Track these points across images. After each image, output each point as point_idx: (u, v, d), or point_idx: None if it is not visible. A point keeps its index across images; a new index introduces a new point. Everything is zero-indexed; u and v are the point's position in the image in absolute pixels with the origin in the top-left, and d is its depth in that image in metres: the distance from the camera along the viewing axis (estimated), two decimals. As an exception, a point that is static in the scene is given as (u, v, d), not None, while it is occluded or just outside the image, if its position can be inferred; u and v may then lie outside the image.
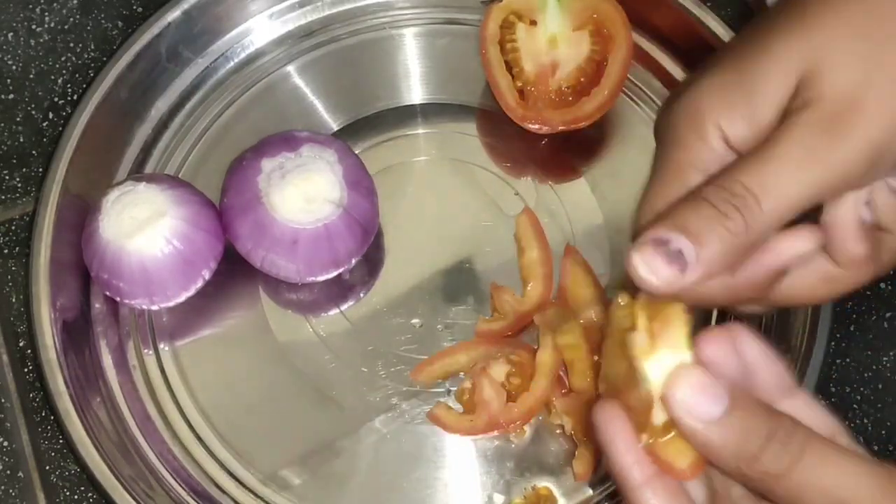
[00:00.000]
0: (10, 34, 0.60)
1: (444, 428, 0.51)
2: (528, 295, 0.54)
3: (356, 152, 0.56)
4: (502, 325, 0.54)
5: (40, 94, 0.59)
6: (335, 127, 0.60)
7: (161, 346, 0.54)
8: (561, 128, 0.57)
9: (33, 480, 0.50)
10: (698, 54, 0.59)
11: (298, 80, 0.61)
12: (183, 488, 0.51)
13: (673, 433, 0.32)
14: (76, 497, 0.50)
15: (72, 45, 0.61)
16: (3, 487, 0.50)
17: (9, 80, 0.59)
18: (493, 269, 0.56)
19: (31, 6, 0.61)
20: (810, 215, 0.36)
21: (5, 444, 0.51)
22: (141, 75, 0.58)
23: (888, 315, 0.54)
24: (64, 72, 0.60)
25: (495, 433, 0.51)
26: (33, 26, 0.61)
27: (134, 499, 0.48)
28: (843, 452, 0.31)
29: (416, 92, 0.61)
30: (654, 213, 0.36)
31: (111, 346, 0.54)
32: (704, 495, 0.33)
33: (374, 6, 0.63)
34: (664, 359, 0.31)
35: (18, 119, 0.59)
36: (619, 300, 0.34)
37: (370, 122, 0.60)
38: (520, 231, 0.56)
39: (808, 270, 0.38)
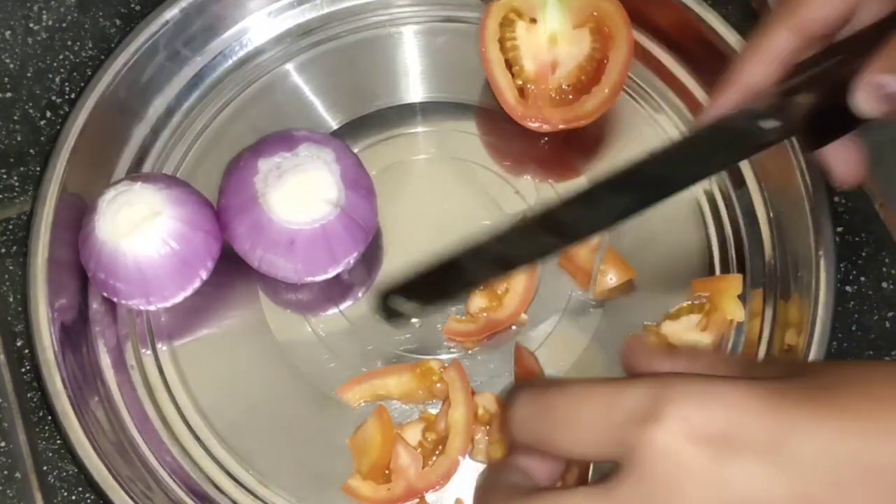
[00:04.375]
0: (8, 32, 0.60)
1: (359, 500, 0.50)
2: (503, 304, 0.54)
3: (355, 151, 0.56)
4: (471, 328, 0.54)
5: (38, 92, 0.59)
6: (334, 125, 0.60)
7: (159, 346, 0.54)
8: (561, 126, 0.57)
9: (31, 481, 0.50)
10: (699, 52, 0.59)
11: (297, 79, 0.61)
12: (181, 488, 0.51)
13: None
14: (74, 497, 0.50)
15: (69, 43, 0.60)
16: (0, 488, 0.50)
17: (6, 79, 0.59)
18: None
19: (28, 4, 0.61)
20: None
21: (3, 444, 0.51)
22: (139, 74, 0.58)
23: (890, 315, 0.54)
24: (62, 70, 0.60)
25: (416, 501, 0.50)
26: (31, 24, 0.61)
27: (132, 499, 0.48)
28: None
29: (415, 90, 0.61)
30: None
31: (109, 346, 0.54)
32: None
33: (373, 4, 0.63)
34: None
35: (16, 118, 0.58)
36: None
37: (369, 120, 0.60)
38: None
39: None
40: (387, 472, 0.50)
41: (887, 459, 0.31)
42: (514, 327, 0.54)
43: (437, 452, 0.50)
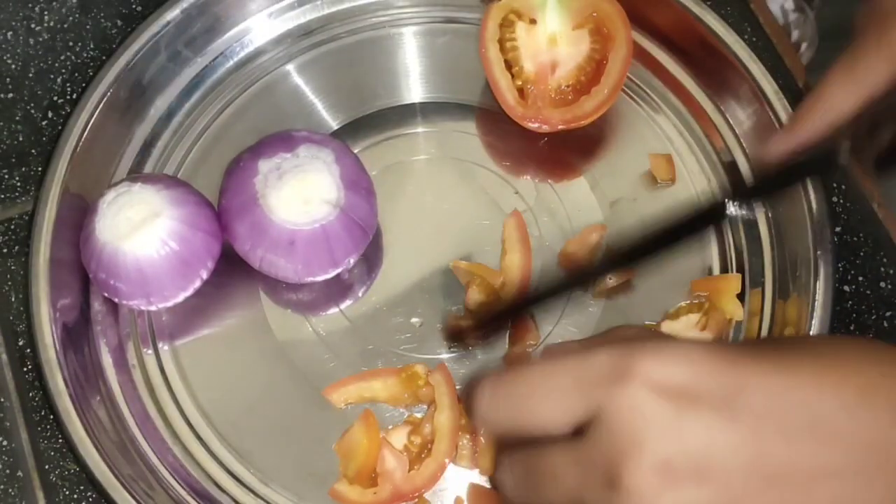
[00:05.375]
0: (10, 33, 0.61)
1: None
2: (502, 299, 0.54)
3: (355, 151, 0.56)
4: (470, 325, 0.54)
5: (39, 92, 0.59)
6: (334, 126, 0.60)
7: (161, 345, 0.54)
8: (561, 126, 0.57)
9: (33, 480, 0.50)
10: (698, 53, 0.59)
11: (298, 79, 0.61)
12: (183, 487, 0.51)
13: None
14: (75, 496, 0.50)
15: (71, 43, 0.61)
16: (2, 487, 0.50)
17: (8, 79, 0.59)
18: (492, 268, 0.55)
19: (30, 5, 0.61)
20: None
21: (5, 443, 0.51)
22: (140, 74, 0.58)
23: (888, 314, 0.54)
24: (63, 71, 0.60)
25: None
26: (32, 25, 0.61)
27: (133, 498, 0.48)
28: None
29: (415, 91, 0.61)
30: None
31: (111, 346, 0.54)
32: None
33: (374, 5, 0.63)
34: None
35: (18, 118, 0.59)
36: None
37: (370, 120, 0.60)
38: (506, 233, 0.56)
39: None
40: (373, 475, 0.50)
41: (829, 411, 0.34)
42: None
43: (424, 456, 0.51)
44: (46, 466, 0.51)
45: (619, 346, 0.35)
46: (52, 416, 0.51)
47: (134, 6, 0.62)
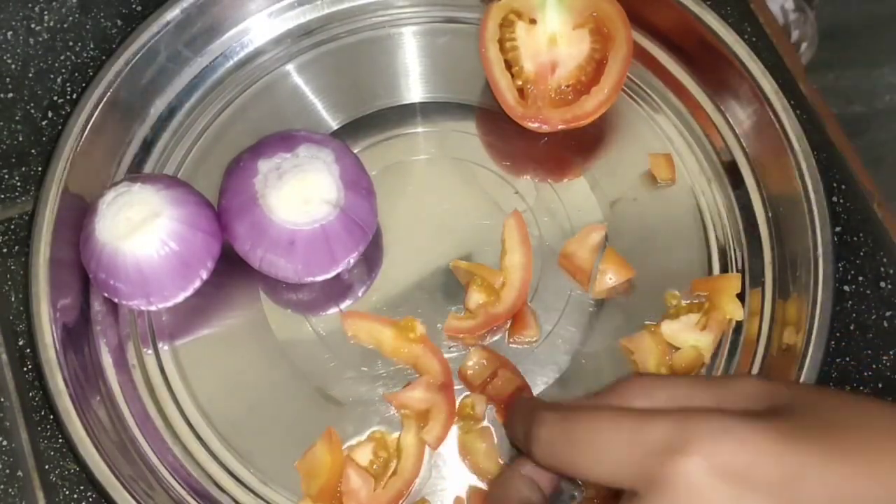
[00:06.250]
0: (10, 33, 0.61)
1: None
2: (502, 298, 0.54)
3: (355, 151, 0.56)
4: (471, 324, 0.54)
5: (39, 92, 0.59)
6: (334, 126, 0.60)
7: (161, 345, 0.54)
8: (561, 126, 0.57)
9: (33, 479, 0.50)
10: (698, 53, 0.59)
11: (297, 79, 0.61)
12: (182, 487, 0.51)
13: None
14: (75, 496, 0.50)
15: (71, 43, 0.61)
16: (2, 486, 0.50)
17: (8, 79, 0.59)
18: (492, 268, 0.55)
19: (30, 5, 0.61)
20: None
21: (5, 443, 0.51)
22: (140, 74, 0.58)
23: (888, 314, 0.54)
24: (63, 71, 0.60)
25: None
26: (32, 25, 0.61)
27: (133, 498, 0.48)
28: None
29: (415, 91, 0.61)
30: None
31: (111, 346, 0.54)
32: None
33: (374, 5, 0.63)
34: None
35: (17, 118, 0.59)
36: None
37: (370, 120, 0.60)
38: (506, 233, 0.56)
39: None
40: (337, 494, 0.50)
41: (878, 501, 0.34)
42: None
43: (391, 474, 0.51)
44: (46, 466, 0.51)
45: (678, 419, 0.35)
46: (52, 416, 0.51)
47: (134, 6, 0.62)
